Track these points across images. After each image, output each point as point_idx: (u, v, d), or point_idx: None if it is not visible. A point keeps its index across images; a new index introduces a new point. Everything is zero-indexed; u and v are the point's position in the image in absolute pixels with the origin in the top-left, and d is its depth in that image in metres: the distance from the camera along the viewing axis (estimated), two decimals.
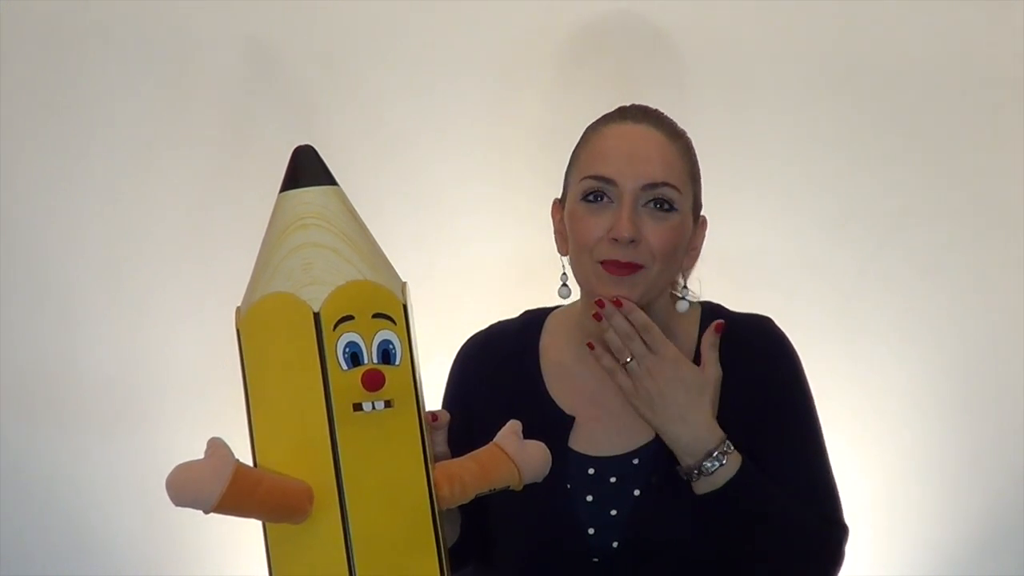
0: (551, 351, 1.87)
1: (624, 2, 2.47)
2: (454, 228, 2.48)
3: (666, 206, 1.74)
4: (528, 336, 1.90)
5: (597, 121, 1.82)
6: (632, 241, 1.72)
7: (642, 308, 1.77)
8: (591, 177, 1.76)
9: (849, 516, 1.83)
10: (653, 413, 1.74)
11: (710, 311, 1.87)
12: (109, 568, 2.50)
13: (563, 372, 1.85)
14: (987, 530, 2.50)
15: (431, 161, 2.48)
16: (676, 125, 1.81)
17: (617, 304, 1.73)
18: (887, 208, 2.50)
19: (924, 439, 2.50)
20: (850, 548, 1.81)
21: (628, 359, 1.74)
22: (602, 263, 1.75)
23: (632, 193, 1.73)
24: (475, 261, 2.48)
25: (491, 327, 1.94)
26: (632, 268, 1.74)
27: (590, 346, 1.77)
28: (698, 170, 1.81)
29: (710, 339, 1.77)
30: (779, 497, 1.74)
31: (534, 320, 1.92)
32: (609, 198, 1.75)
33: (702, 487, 1.72)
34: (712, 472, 1.71)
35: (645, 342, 1.74)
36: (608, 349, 1.76)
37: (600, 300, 1.74)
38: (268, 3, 2.47)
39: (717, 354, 1.76)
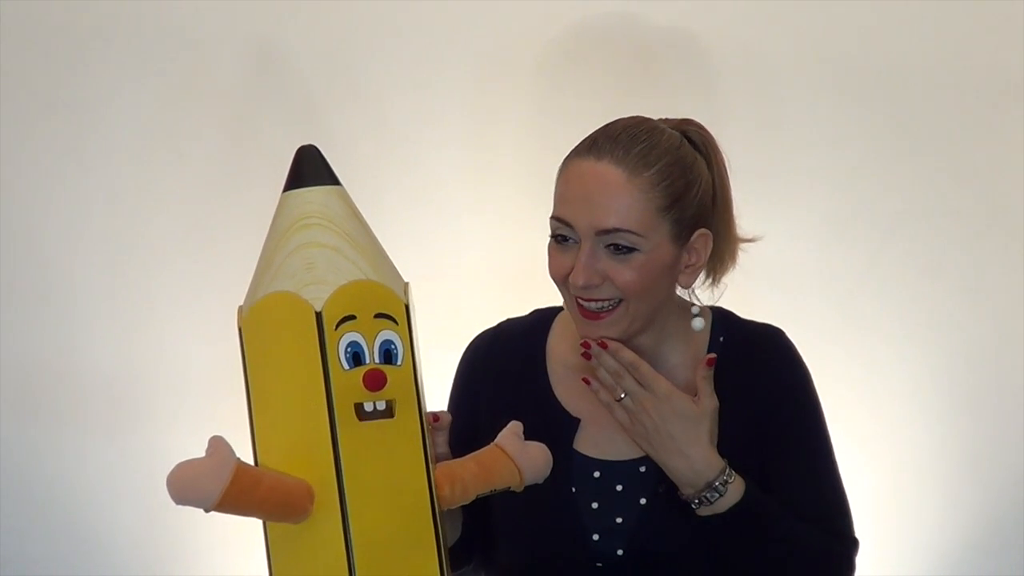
0: (558, 352, 1.87)
1: (622, 5, 2.46)
2: (457, 228, 2.48)
3: (624, 249, 1.70)
4: (536, 336, 1.89)
5: (572, 151, 1.76)
6: (587, 287, 1.71)
7: (641, 333, 1.77)
8: (555, 218, 1.74)
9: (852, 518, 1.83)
10: (651, 447, 1.74)
11: (721, 318, 1.86)
12: (110, 567, 2.50)
13: (569, 374, 1.84)
14: (987, 530, 2.50)
15: (434, 161, 2.48)
16: (652, 152, 1.72)
17: (603, 346, 1.73)
18: (888, 208, 2.50)
19: (924, 438, 2.50)
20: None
21: (621, 396, 1.75)
22: (577, 304, 1.74)
23: (589, 238, 1.70)
24: (477, 261, 2.48)
25: (500, 325, 1.93)
26: (605, 313, 1.73)
27: (586, 381, 1.77)
28: (680, 191, 1.72)
29: (702, 372, 1.75)
30: (783, 520, 1.74)
31: (543, 319, 1.91)
32: (573, 239, 1.73)
33: (704, 512, 1.73)
34: (713, 502, 1.71)
35: (636, 379, 1.74)
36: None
37: (586, 342, 1.74)
38: (271, 3, 2.47)
39: (712, 386, 1.75)
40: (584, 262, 1.70)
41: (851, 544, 1.82)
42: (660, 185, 1.70)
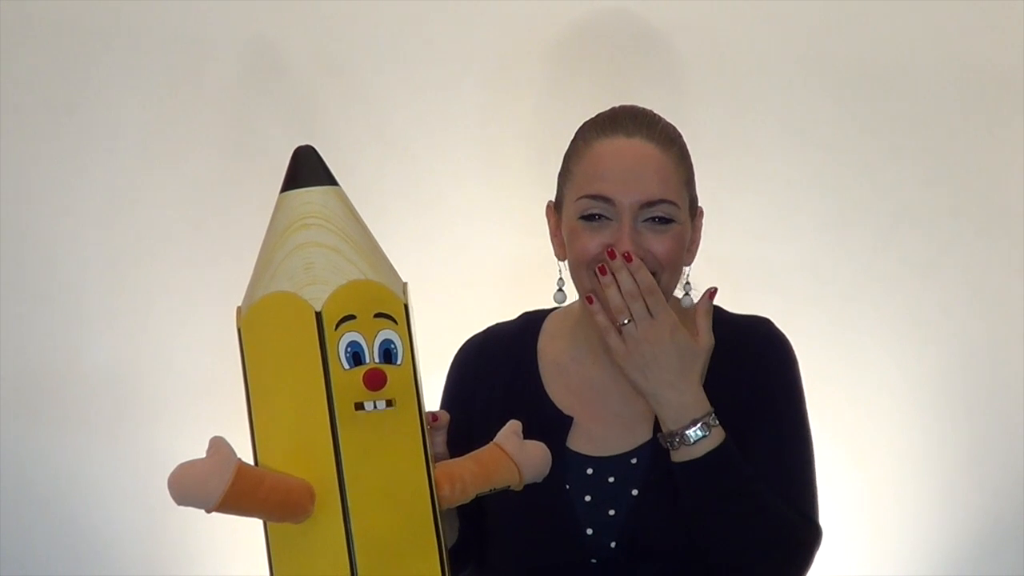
0: (549, 352, 1.87)
1: (624, 2, 2.46)
2: (455, 228, 2.48)
3: (665, 220, 1.73)
4: (526, 337, 1.89)
5: (588, 129, 1.79)
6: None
7: None
8: (588, 196, 1.74)
9: (848, 514, 1.82)
10: (644, 378, 1.72)
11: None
12: (110, 567, 2.50)
13: (561, 372, 1.85)
14: (987, 530, 2.49)
15: (432, 161, 2.48)
16: (669, 129, 1.78)
17: (627, 259, 1.71)
18: (886, 208, 2.50)
19: (923, 439, 2.49)
20: (849, 547, 1.81)
21: (626, 320, 1.72)
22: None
23: (630, 211, 1.72)
24: (476, 261, 2.47)
25: (489, 329, 1.94)
26: None
27: (588, 300, 1.73)
28: (692, 169, 1.79)
29: (705, 306, 1.76)
30: (756, 481, 1.73)
31: (532, 321, 1.91)
32: (607, 216, 1.73)
33: (680, 456, 1.71)
34: (693, 442, 1.70)
35: (647, 305, 1.72)
36: (604, 307, 1.73)
37: (611, 251, 1.71)
38: (270, 4, 2.47)
39: (710, 322, 1.75)
40: (628, 234, 1.71)
41: (814, 528, 1.79)
42: (683, 160, 1.78)
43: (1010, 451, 2.48)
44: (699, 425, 1.70)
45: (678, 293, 1.83)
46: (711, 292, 1.77)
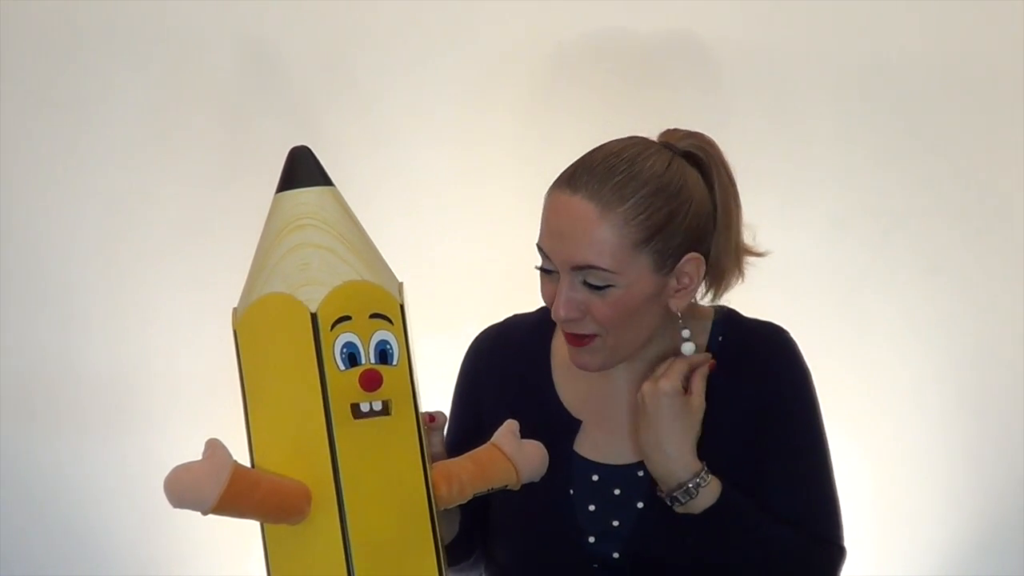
0: (563, 351, 1.84)
1: (616, 12, 2.46)
2: (451, 228, 2.48)
3: (599, 284, 1.68)
4: (542, 334, 1.88)
5: (556, 179, 1.72)
6: (568, 320, 1.70)
7: (630, 356, 1.76)
8: (538, 246, 1.72)
9: (849, 515, 1.82)
10: (638, 433, 1.73)
11: (725, 318, 1.85)
12: (108, 569, 2.51)
13: (573, 375, 1.83)
14: (987, 530, 2.49)
15: (428, 161, 2.48)
16: (626, 184, 1.66)
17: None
18: (889, 207, 2.50)
19: (925, 437, 2.49)
20: (850, 547, 1.80)
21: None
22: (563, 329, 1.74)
23: (565, 272, 1.69)
24: (472, 261, 2.48)
25: (507, 320, 1.93)
26: (587, 339, 1.72)
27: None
28: (661, 221, 1.67)
29: (703, 371, 1.75)
30: (762, 524, 1.73)
31: (550, 317, 1.90)
32: (554, 270, 1.71)
33: (680, 510, 1.72)
34: (685, 502, 1.71)
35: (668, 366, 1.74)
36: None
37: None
38: (265, 3, 2.47)
39: (704, 386, 1.74)
40: (564, 296, 1.69)
41: (836, 551, 1.79)
42: (636, 219, 1.66)
43: (1013, 450, 2.49)
44: (687, 488, 1.70)
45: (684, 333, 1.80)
46: (711, 365, 1.75)
